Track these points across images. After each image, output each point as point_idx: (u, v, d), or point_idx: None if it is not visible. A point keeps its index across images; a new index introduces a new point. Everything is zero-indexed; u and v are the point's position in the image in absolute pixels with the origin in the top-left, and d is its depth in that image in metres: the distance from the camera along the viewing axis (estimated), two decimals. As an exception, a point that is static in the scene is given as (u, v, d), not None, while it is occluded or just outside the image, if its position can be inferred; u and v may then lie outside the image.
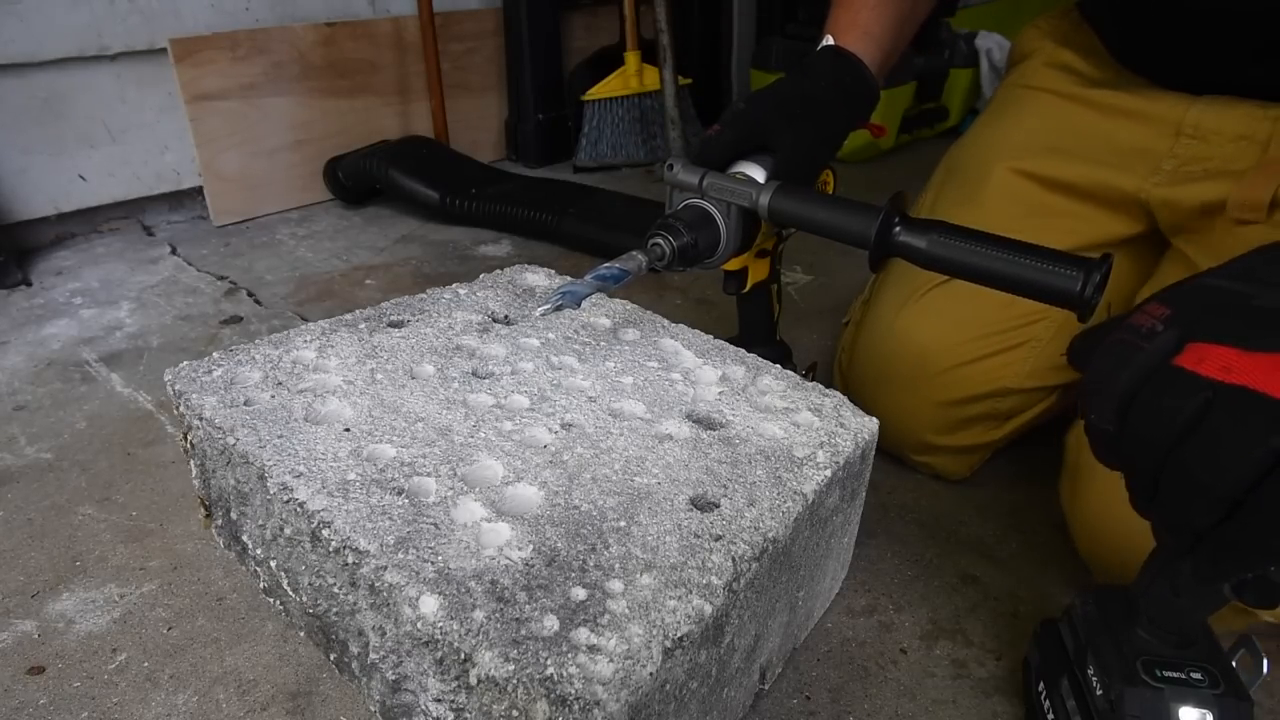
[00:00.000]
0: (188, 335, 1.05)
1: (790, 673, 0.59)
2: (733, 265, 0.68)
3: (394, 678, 0.44)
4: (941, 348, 0.75)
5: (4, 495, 0.75)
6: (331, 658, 0.51)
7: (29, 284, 1.17)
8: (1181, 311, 0.33)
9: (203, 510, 0.60)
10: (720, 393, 0.58)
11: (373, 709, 0.49)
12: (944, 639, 0.63)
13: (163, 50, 1.28)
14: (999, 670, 0.61)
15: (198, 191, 1.41)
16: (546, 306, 0.55)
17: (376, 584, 0.41)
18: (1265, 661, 0.45)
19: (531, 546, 0.42)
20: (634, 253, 0.58)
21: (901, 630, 0.64)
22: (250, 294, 1.17)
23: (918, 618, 0.65)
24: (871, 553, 0.72)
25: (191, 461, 0.58)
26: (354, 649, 0.47)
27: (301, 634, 0.56)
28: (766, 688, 0.56)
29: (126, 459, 0.80)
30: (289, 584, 0.51)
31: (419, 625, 0.39)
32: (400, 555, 0.41)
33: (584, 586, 0.40)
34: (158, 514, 0.73)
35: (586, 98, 1.75)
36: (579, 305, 0.57)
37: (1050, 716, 0.51)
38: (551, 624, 0.38)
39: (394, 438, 0.50)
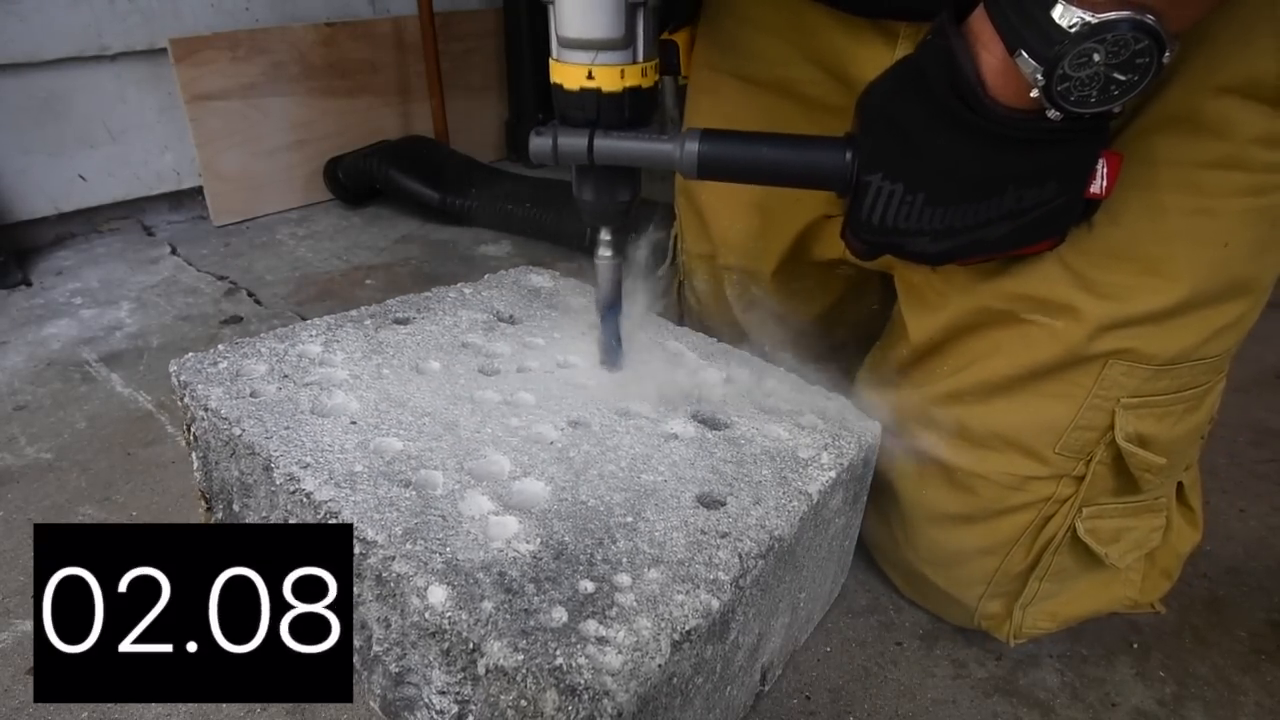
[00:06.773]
0: (188, 335, 1.05)
1: (791, 673, 0.60)
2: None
3: (397, 670, 0.44)
4: None
5: (4, 495, 0.75)
6: (335, 653, 0.51)
7: (29, 284, 1.17)
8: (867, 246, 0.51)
9: (203, 503, 0.60)
10: (725, 394, 0.58)
11: (373, 704, 0.49)
12: (944, 639, 0.63)
13: (163, 50, 1.28)
14: (999, 670, 0.61)
15: (198, 191, 1.41)
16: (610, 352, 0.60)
17: (384, 574, 0.41)
18: None
19: (539, 539, 0.43)
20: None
21: (901, 630, 0.64)
22: (250, 294, 1.17)
23: (918, 618, 0.65)
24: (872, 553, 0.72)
25: (193, 454, 0.58)
26: (356, 641, 0.47)
27: (304, 630, 0.56)
28: (767, 689, 0.57)
29: (126, 459, 0.80)
30: (293, 579, 0.51)
31: (427, 615, 0.39)
32: (408, 546, 0.41)
33: (592, 579, 0.40)
34: (158, 514, 0.73)
35: (586, 98, 1.75)
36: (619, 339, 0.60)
37: None
38: (560, 615, 0.38)
39: (401, 431, 0.51)
